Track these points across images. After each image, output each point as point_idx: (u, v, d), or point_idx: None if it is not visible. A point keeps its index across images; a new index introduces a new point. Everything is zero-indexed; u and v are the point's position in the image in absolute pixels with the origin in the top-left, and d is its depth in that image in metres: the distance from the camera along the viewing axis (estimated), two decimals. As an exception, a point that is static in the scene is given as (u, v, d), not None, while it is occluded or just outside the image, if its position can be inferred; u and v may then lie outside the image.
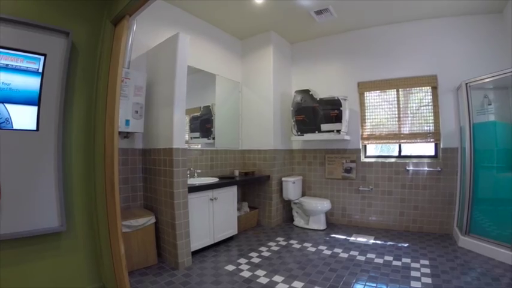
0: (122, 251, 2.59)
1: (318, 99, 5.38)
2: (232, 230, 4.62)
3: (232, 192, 4.58)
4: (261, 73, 5.74)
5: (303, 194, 6.04)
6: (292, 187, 5.55)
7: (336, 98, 5.19)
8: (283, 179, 5.63)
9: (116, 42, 2.72)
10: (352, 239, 4.80)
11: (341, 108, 5.13)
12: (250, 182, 5.67)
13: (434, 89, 5.06)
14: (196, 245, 3.91)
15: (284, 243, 4.59)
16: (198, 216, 3.93)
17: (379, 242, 4.64)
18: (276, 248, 4.34)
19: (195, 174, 4.59)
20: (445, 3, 4.62)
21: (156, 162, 3.78)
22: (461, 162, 4.73)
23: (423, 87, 5.18)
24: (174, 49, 3.60)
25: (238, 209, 5.25)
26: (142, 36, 4.10)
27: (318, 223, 5.33)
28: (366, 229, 5.34)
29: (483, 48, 4.73)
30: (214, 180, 4.48)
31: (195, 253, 3.93)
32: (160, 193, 3.70)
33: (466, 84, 4.35)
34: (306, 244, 4.53)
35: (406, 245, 4.47)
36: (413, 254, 4.07)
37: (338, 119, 5.15)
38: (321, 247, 4.40)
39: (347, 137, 5.38)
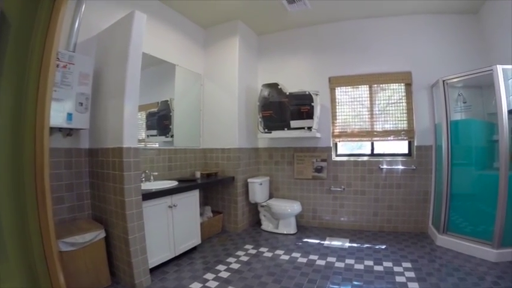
0: (61, 280, 2.05)
1: (287, 93, 5.01)
2: (196, 240, 4.13)
3: (193, 196, 4.09)
4: (225, 65, 5.29)
5: (271, 196, 5.66)
6: (259, 189, 5.15)
7: (307, 93, 4.86)
8: (249, 180, 5.22)
9: (54, 14, 2.16)
10: (326, 243, 4.49)
11: (312, 104, 4.81)
12: (213, 184, 5.19)
13: (409, 85, 4.98)
14: (155, 260, 3.39)
15: (254, 251, 4.16)
16: (155, 227, 3.40)
17: (355, 244, 4.39)
18: (245, 258, 3.90)
19: (151, 178, 4.04)
20: (421, 1, 4.60)
21: (105, 164, 3.21)
22: (436, 160, 4.71)
23: (397, 84, 5.06)
24: (129, 29, 3.06)
25: (201, 214, 4.75)
26: (92, 16, 3.51)
27: (288, 227, 4.97)
28: (339, 231, 5.08)
29: (458, 47, 4.78)
30: (173, 184, 3.94)
31: (154, 269, 3.40)
32: (109, 202, 3.14)
33: (444, 81, 4.31)
34: (277, 251, 4.14)
35: (383, 246, 4.27)
36: (393, 257, 3.86)
37: (309, 115, 4.82)
38: (294, 254, 4.03)
39: (318, 135, 5.08)
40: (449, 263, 3.59)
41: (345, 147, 5.53)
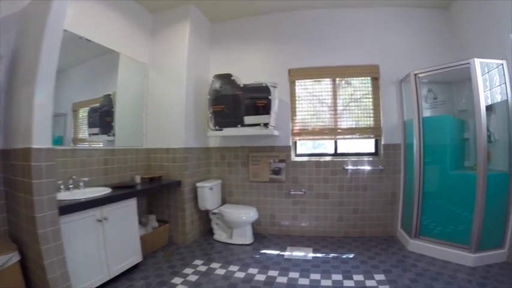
0: None
1: (241, 85, 4.61)
2: (136, 257, 3.60)
3: (130, 206, 3.55)
4: (173, 53, 4.81)
5: (223, 202, 5.22)
6: (209, 194, 4.70)
7: (264, 85, 4.48)
8: (197, 184, 4.74)
9: None
10: (287, 254, 4.16)
11: (270, 97, 4.43)
12: (156, 190, 4.67)
13: (376, 80, 4.86)
14: (84, 286, 2.84)
15: (204, 268, 3.71)
16: (82, 245, 2.86)
17: (319, 255, 4.09)
18: (193, 278, 3.43)
19: (81, 184, 3.47)
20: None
21: (15, 169, 2.63)
22: (405, 160, 4.70)
23: (363, 78, 4.91)
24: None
25: (144, 225, 4.29)
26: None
27: (244, 236, 4.58)
28: (300, 239, 4.78)
29: (428, 42, 4.79)
30: (105, 191, 3.36)
31: (83, 297, 2.87)
32: (22, 217, 2.57)
33: (415, 74, 4.22)
34: (231, 267, 3.71)
35: (351, 255, 4.03)
36: (364, 268, 3.60)
37: (266, 110, 4.45)
38: (251, 270, 3.62)
39: (276, 132, 4.72)
40: (425, 272, 3.42)
41: (304, 147, 5.27)
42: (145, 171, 4.83)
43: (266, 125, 4.44)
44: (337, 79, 4.96)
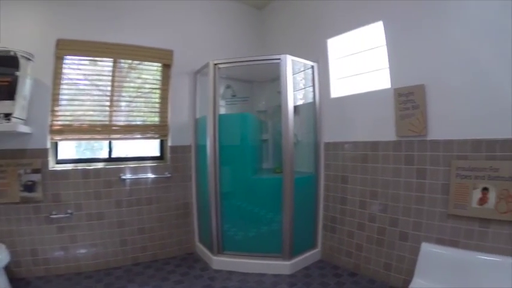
0: None
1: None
2: None
3: None
4: None
5: (-41, 239, 3.81)
6: None
7: (12, 54, 3.32)
8: None
9: None
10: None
11: (17, 73, 3.29)
12: None
13: (167, 67, 4.59)
14: None
15: None
16: None
17: None
18: None
19: None
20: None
21: None
22: (197, 164, 4.58)
23: (153, 63, 4.55)
24: None
25: None
26: None
27: (-5, 290, 3.34)
28: (77, 278, 3.80)
29: (236, 37, 5.05)
30: None
31: None
32: None
33: (215, 65, 4.07)
34: None
35: None
36: None
37: (10, 93, 3.29)
38: None
39: (25, 129, 3.58)
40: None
41: (78, 149, 4.44)
42: None
43: (8, 116, 3.30)
44: (121, 60, 4.33)
